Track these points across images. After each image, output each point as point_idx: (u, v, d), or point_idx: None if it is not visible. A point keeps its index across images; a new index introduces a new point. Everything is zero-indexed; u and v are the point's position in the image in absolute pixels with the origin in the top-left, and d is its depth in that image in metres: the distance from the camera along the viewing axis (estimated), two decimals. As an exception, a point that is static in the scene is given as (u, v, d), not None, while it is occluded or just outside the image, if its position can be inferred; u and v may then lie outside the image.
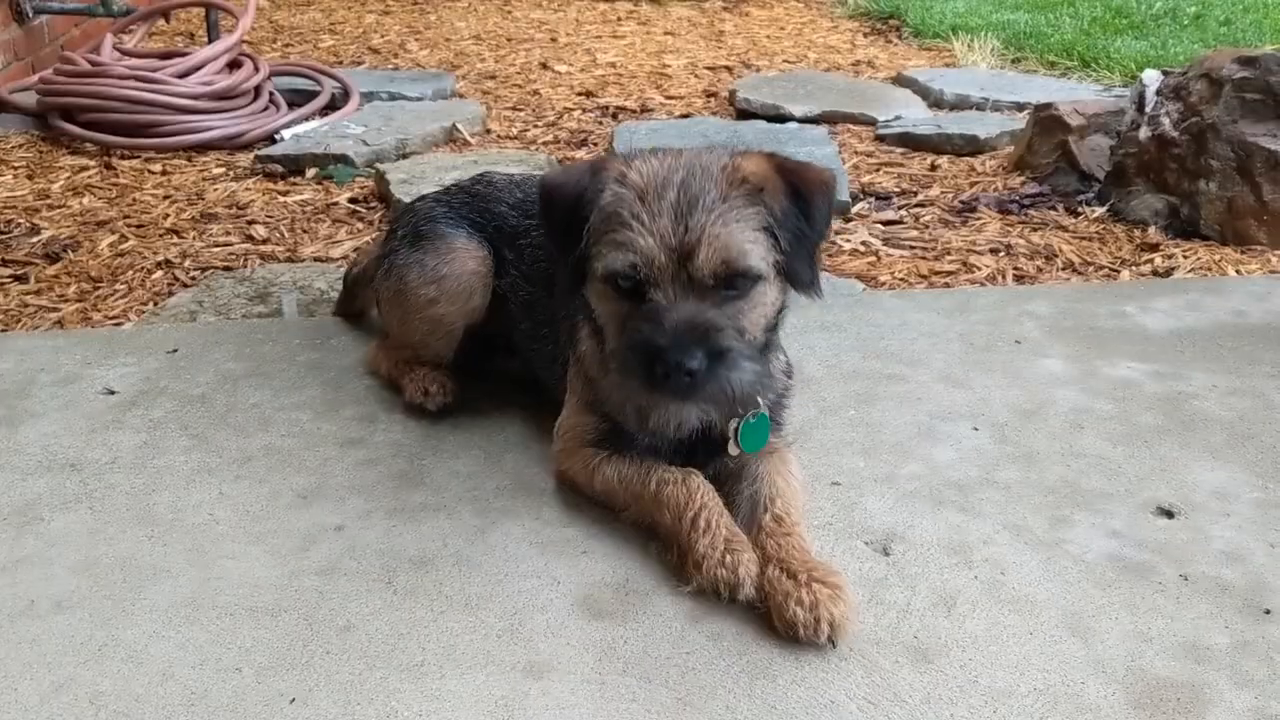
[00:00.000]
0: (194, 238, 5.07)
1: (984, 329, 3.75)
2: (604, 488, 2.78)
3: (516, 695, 2.31)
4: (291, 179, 5.81)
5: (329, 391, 3.41)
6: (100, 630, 2.49)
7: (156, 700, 2.30)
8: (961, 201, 5.48)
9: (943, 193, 5.59)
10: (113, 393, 3.43)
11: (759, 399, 2.64)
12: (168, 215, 5.33)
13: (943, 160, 6.00)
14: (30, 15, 7.10)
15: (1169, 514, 2.86)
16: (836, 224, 5.06)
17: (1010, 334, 3.72)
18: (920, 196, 5.57)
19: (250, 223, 5.27)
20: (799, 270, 2.47)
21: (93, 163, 6.01)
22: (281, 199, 5.59)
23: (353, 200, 5.53)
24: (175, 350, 3.67)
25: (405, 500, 2.93)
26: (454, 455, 3.11)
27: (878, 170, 5.89)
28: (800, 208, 2.44)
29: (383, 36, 9.05)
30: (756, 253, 2.39)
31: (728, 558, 2.48)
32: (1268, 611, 2.52)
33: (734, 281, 2.39)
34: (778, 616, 2.44)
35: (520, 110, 6.99)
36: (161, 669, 2.38)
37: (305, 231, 5.20)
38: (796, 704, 2.30)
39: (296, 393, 3.41)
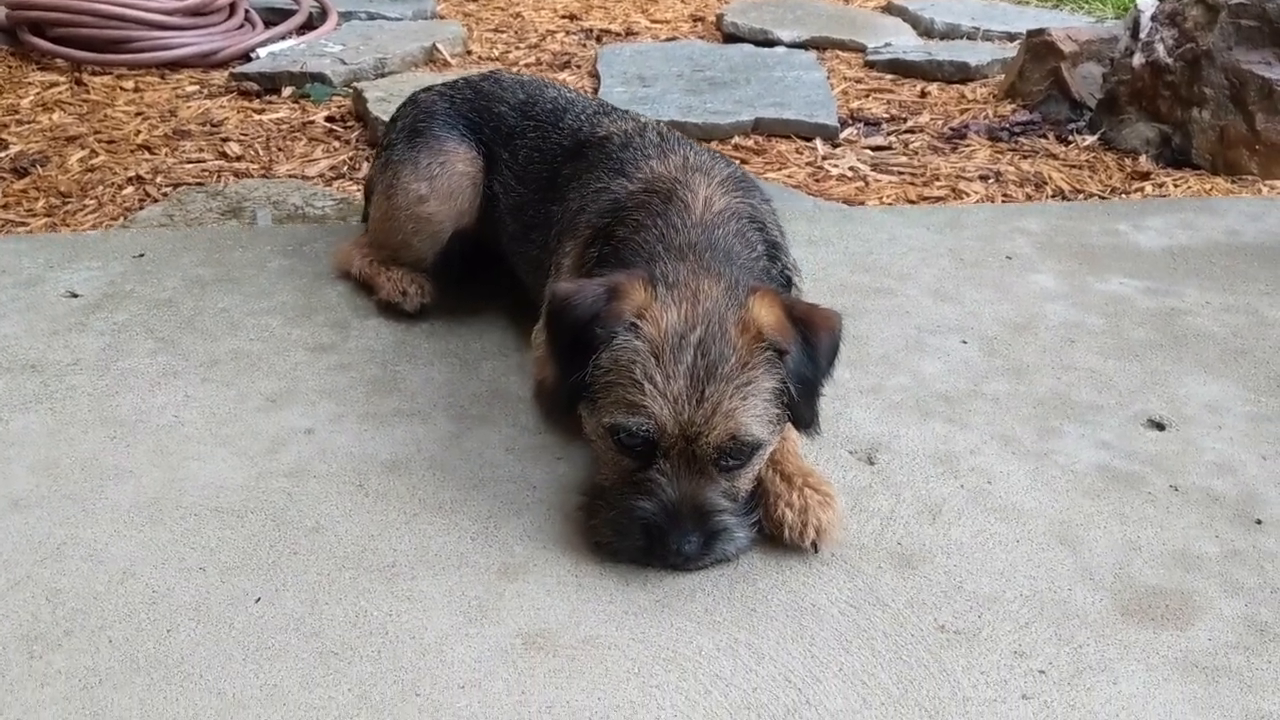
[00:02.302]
0: (166, 154, 4.94)
1: (975, 245, 3.67)
2: None
3: (491, 596, 2.24)
4: (267, 97, 5.67)
5: (300, 297, 3.31)
6: (59, 529, 2.40)
7: (116, 598, 2.22)
8: (951, 128, 5.38)
9: (932, 119, 5.49)
10: (76, 296, 3.32)
11: None
12: (139, 132, 5.19)
13: (933, 87, 5.89)
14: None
15: (1160, 426, 2.80)
16: (824, 149, 4.96)
17: (1001, 250, 3.64)
18: (910, 123, 5.47)
19: (224, 140, 5.14)
20: (801, 414, 2.38)
21: (63, 79, 5.85)
22: (257, 117, 5.45)
23: (329, 119, 5.39)
24: (142, 255, 3.56)
25: (378, 406, 2.84)
26: (429, 362, 3.03)
27: (867, 96, 5.78)
28: (809, 354, 2.34)
29: (362, -42, 8.80)
30: (765, 424, 2.30)
31: None
32: (1259, 521, 2.47)
33: (737, 452, 2.30)
34: (766, 515, 2.37)
35: (502, 32, 6.84)
36: (122, 568, 2.30)
37: (280, 150, 5.08)
38: (777, 607, 2.24)
39: (266, 298, 3.30)
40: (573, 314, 2.33)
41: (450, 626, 2.17)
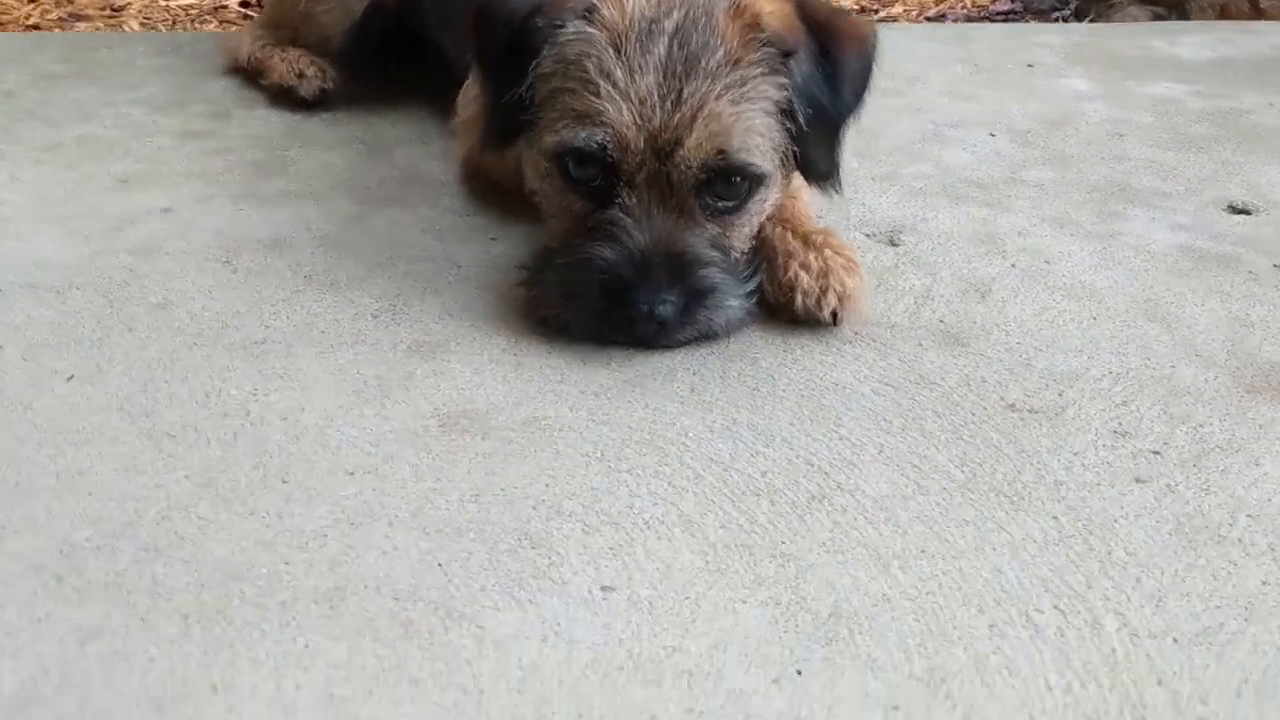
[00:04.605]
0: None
1: (989, 55, 3.11)
2: (518, 166, 2.03)
3: (396, 375, 1.62)
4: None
5: (174, 91, 2.67)
6: None
7: None
8: (927, 18, 4.79)
9: (906, 10, 4.90)
10: (-113, 84, 2.64)
11: None
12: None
13: (909, -28, 5.30)
14: None
15: (1244, 211, 2.27)
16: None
17: (1020, 59, 3.08)
18: (882, 14, 4.87)
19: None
20: (815, 157, 1.76)
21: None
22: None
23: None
24: (-19, 52, 2.88)
25: (259, 187, 2.21)
26: (328, 148, 2.40)
27: (837, -21, 5.18)
28: (826, 73, 1.72)
29: None
30: (764, 145, 1.68)
31: None
32: (1394, 298, 1.90)
33: (728, 182, 1.68)
34: (771, 280, 1.77)
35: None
36: (-113, 347, 1.65)
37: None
38: (787, 386, 1.64)
39: (131, 91, 2.66)
40: (503, 10, 1.71)
41: (337, 407, 1.55)
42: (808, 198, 1.94)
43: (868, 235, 2.11)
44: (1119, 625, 1.24)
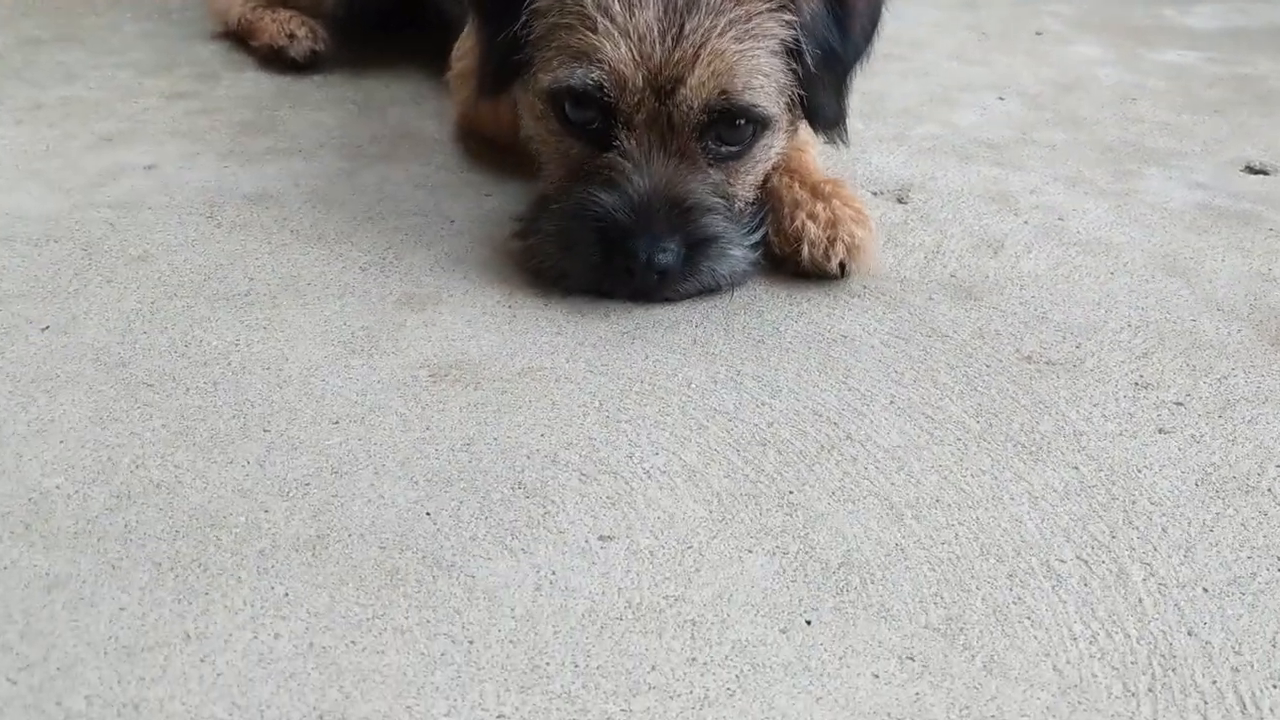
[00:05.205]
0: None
1: (996, 22, 3.05)
2: (514, 122, 1.97)
3: (385, 326, 1.55)
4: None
5: (161, 56, 2.60)
6: None
7: None
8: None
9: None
10: None
11: None
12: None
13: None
14: None
15: (1262, 171, 2.20)
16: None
17: (1029, 26, 3.02)
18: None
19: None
20: (822, 103, 1.69)
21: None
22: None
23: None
24: (-37, 17, 2.81)
25: (246, 145, 2.14)
26: (318, 108, 2.33)
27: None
28: (835, 13, 1.64)
29: None
30: (769, 87, 1.60)
31: None
32: None
33: (731, 125, 1.60)
34: (777, 229, 1.71)
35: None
36: None
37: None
38: (794, 338, 1.57)
39: (117, 55, 2.60)
40: None
41: (323, 358, 1.47)
42: (816, 151, 1.87)
43: (875, 193, 2.04)
44: (1145, 575, 1.17)
